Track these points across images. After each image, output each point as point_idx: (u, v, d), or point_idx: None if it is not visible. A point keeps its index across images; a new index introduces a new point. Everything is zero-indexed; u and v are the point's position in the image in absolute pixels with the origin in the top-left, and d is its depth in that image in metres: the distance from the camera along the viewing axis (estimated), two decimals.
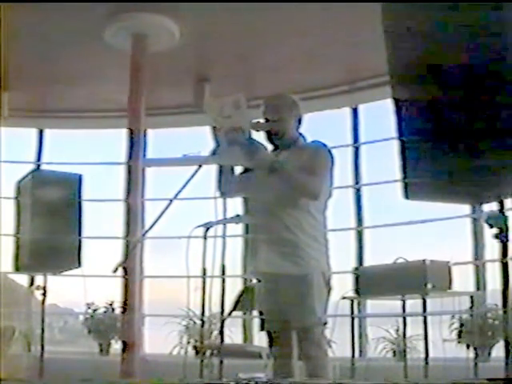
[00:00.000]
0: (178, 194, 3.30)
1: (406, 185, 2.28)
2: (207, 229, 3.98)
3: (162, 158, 4.77)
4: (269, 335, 3.48)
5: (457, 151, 2.11)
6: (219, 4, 6.34)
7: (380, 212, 8.31)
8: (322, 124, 8.36)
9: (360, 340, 7.34)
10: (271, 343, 3.49)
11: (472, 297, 5.70)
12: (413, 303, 5.80)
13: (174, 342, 8.28)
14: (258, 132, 3.44)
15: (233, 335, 7.80)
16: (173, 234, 7.19)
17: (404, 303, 5.87)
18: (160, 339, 8.55)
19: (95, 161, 9.06)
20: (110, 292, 8.17)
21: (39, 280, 5.70)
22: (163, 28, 6.96)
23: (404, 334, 6.42)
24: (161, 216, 3.27)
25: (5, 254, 6.33)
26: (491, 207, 2.26)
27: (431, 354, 5.37)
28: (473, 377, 4.98)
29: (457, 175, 2.15)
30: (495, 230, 2.21)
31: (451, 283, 5.30)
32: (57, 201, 5.58)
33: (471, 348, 6.30)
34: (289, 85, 7.28)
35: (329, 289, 3.40)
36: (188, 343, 7.81)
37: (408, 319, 6.14)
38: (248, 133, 3.36)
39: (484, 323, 6.72)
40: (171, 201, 3.30)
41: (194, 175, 3.31)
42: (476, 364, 5.50)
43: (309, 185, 3.37)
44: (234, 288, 5.57)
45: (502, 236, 2.19)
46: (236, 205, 5.53)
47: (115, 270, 3.44)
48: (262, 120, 3.50)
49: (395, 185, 2.62)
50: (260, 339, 4.35)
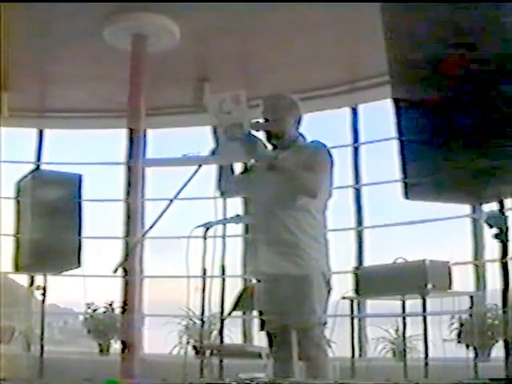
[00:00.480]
0: (178, 194, 3.30)
1: (406, 185, 2.27)
2: (207, 229, 3.99)
3: (162, 158, 4.76)
4: (269, 335, 3.48)
5: (457, 151, 2.11)
6: (219, 4, 6.34)
7: (380, 212, 8.31)
8: (322, 124, 8.36)
9: (360, 340, 7.34)
10: (271, 343, 3.49)
11: (472, 297, 5.70)
12: (413, 303, 5.80)
13: (174, 342, 8.28)
14: (258, 132, 3.44)
15: (233, 335, 7.80)
16: (173, 234, 7.19)
17: (404, 303, 5.87)
18: (160, 339, 8.55)
19: (95, 161, 9.06)
20: (110, 292, 8.18)
21: (39, 280, 5.71)
22: (163, 28, 6.96)
23: (404, 334, 6.42)
24: (161, 216, 3.27)
25: (5, 254, 6.34)
26: (491, 207, 2.26)
27: (431, 354, 5.37)
28: (473, 377, 4.98)
29: (457, 175, 2.15)
30: (495, 230, 2.20)
31: (451, 283, 5.31)
32: (57, 201, 5.58)
33: (471, 348, 6.30)
34: (289, 85, 7.28)
35: (329, 289, 3.40)
36: (188, 343, 7.80)
37: (408, 319, 6.14)
38: (247, 129, 3.35)
39: (484, 323, 6.72)
40: (171, 201, 3.30)
41: (194, 175, 3.31)
42: (476, 364, 5.50)
43: (307, 182, 3.36)
44: (234, 288, 5.57)
45: (502, 236, 2.19)
46: (236, 205, 5.55)
47: (115, 270, 3.44)
48: (262, 120, 3.50)
49: (395, 185, 2.62)
50: (260, 339, 4.35)
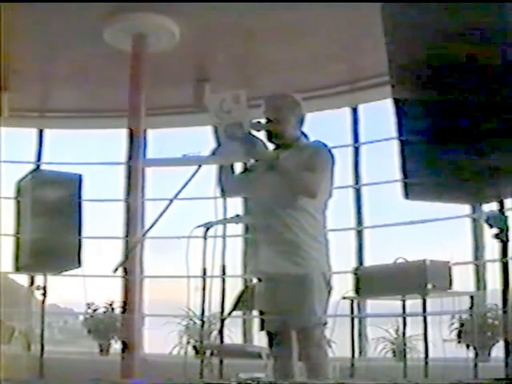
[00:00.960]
0: (178, 194, 3.30)
1: (406, 185, 2.28)
2: (207, 229, 3.99)
3: (162, 158, 4.76)
4: (269, 335, 3.48)
5: (457, 151, 2.11)
6: (219, 4, 6.34)
7: (380, 212, 8.31)
8: (322, 124, 8.35)
9: (360, 340, 7.34)
10: (271, 343, 3.49)
11: (472, 297, 5.69)
12: (413, 303, 5.80)
13: (174, 342, 8.28)
14: (258, 132, 3.44)
15: (233, 335, 7.80)
16: (173, 234, 7.19)
17: (404, 303, 5.87)
18: (160, 339, 8.55)
19: (95, 161, 9.06)
20: (110, 292, 8.18)
21: (39, 280, 5.71)
22: (163, 28, 6.96)
23: (404, 334, 6.42)
24: (161, 216, 3.27)
25: (5, 254, 6.34)
26: (491, 207, 2.26)
27: (431, 354, 5.37)
28: (472, 377, 4.97)
29: (457, 175, 2.15)
30: (495, 230, 2.21)
31: (451, 283, 5.30)
32: (57, 201, 5.58)
33: (471, 348, 6.29)
34: (289, 85, 7.28)
35: (329, 289, 3.40)
36: (188, 343, 7.80)
37: (408, 319, 6.14)
38: (248, 129, 3.36)
39: (484, 323, 6.72)
40: (171, 201, 3.30)
41: (194, 175, 3.31)
42: (476, 364, 5.50)
43: (307, 182, 3.36)
44: (234, 288, 5.57)
45: (502, 236, 2.19)
46: (236, 205, 5.55)
47: (115, 270, 3.44)
48: (263, 120, 3.50)
49: (395, 185, 2.61)
50: (260, 339, 4.35)
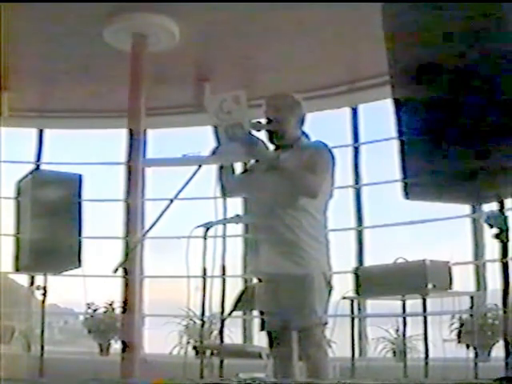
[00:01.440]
0: (178, 194, 3.30)
1: (406, 185, 2.27)
2: (207, 229, 3.99)
3: (162, 158, 4.76)
4: (269, 335, 3.48)
5: (457, 151, 2.11)
6: (219, 4, 6.34)
7: (380, 212, 8.31)
8: (322, 124, 8.35)
9: (360, 340, 7.34)
10: (271, 343, 3.48)
11: (472, 297, 5.70)
12: (413, 303, 5.79)
13: (174, 342, 8.28)
14: (259, 132, 3.44)
15: (233, 335, 7.81)
16: (173, 234, 7.20)
17: (404, 303, 5.87)
18: (160, 339, 8.55)
19: (95, 161, 9.06)
20: (110, 292, 8.18)
21: (39, 280, 5.71)
22: (163, 28, 6.96)
23: (404, 334, 6.42)
24: (161, 216, 3.27)
25: (5, 254, 6.34)
26: (491, 207, 2.26)
27: (431, 354, 5.37)
28: (472, 377, 4.97)
29: (457, 175, 2.15)
30: (495, 230, 2.20)
31: (451, 283, 5.30)
32: (57, 201, 5.58)
33: (471, 348, 6.30)
34: (289, 85, 7.27)
35: (329, 289, 3.40)
36: (188, 343, 7.80)
37: (408, 319, 6.14)
38: (248, 129, 3.35)
39: (484, 323, 6.71)
40: (171, 201, 3.29)
41: (194, 175, 3.31)
42: (476, 364, 5.50)
43: (308, 182, 3.36)
44: (234, 288, 5.57)
45: (502, 236, 2.19)
46: (236, 205, 5.55)
47: (115, 270, 3.44)
48: (264, 119, 3.50)
49: (395, 185, 2.61)
50: (260, 339, 4.35)
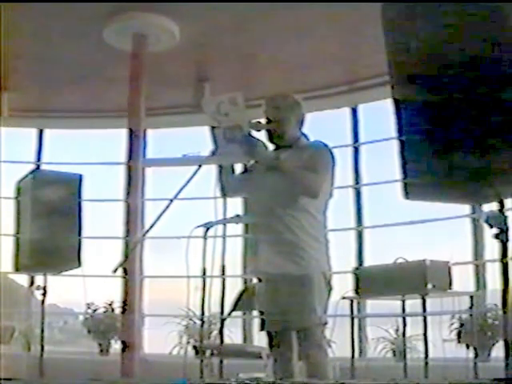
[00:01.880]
0: (178, 194, 3.30)
1: (406, 185, 2.27)
2: (207, 229, 3.98)
3: (162, 158, 4.75)
4: (269, 335, 3.48)
5: (457, 151, 2.11)
6: (219, 4, 6.34)
7: (380, 212, 8.31)
8: (322, 124, 8.36)
9: (360, 340, 7.34)
10: (271, 343, 3.48)
11: (472, 297, 5.70)
12: (413, 303, 5.79)
13: (174, 342, 8.28)
14: (259, 132, 3.44)
15: (233, 335, 7.81)
16: (173, 234, 7.20)
17: (404, 303, 5.87)
18: (160, 339, 8.55)
19: (95, 161, 9.06)
20: (110, 292, 8.18)
21: (39, 280, 5.70)
22: (163, 28, 6.96)
23: (404, 334, 6.42)
24: (161, 216, 3.27)
25: (5, 254, 6.34)
26: (491, 207, 2.25)
27: (431, 354, 5.37)
28: (472, 377, 4.97)
29: (457, 175, 2.15)
30: (495, 230, 2.20)
31: (451, 283, 5.30)
32: (57, 201, 5.57)
33: (471, 348, 6.29)
34: (289, 85, 7.28)
35: (329, 289, 3.40)
36: (188, 343, 7.80)
37: (408, 319, 6.14)
38: (247, 130, 3.35)
39: (484, 323, 6.72)
40: (171, 201, 3.29)
41: (194, 175, 3.31)
42: (476, 364, 5.50)
43: (308, 182, 3.36)
44: (234, 288, 5.57)
45: (502, 236, 2.19)
46: (236, 205, 5.55)
47: (115, 270, 3.44)
48: (264, 120, 3.50)
49: (395, 185, 2.62)
50: (260, 339, 4.34)
